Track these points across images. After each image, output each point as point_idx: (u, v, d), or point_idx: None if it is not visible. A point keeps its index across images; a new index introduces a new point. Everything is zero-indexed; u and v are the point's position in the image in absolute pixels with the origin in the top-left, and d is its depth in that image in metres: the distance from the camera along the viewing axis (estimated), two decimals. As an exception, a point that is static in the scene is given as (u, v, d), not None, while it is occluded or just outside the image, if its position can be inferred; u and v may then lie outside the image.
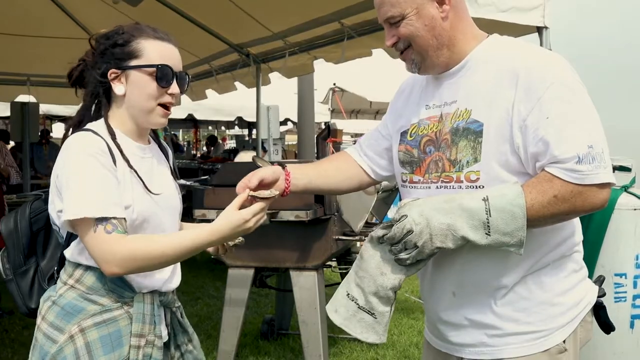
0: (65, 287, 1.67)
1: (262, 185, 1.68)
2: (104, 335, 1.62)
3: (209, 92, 7.36)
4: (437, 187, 1.64)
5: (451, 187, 1.60)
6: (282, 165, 1.86)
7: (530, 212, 1.45)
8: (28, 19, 6.26)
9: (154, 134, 1.91)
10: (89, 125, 1.68)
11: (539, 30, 3.69)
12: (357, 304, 1.60)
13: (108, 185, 1.58)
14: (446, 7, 1.59)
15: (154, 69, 1.66)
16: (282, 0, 4.94)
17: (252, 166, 3.54)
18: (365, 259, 1.60)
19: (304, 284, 3.55)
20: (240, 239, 1.77)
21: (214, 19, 5.64)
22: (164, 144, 1.93)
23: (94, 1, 5.71)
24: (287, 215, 3.33)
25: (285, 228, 3.50)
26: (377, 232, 1.57)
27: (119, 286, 1.65)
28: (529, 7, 3.60)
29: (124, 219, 1.58)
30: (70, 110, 9.95)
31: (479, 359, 1.64)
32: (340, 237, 3.56)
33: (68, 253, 1.67)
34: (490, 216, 1.45)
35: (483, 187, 1.54)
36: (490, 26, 3.70)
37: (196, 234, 1.60)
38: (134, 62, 1.66)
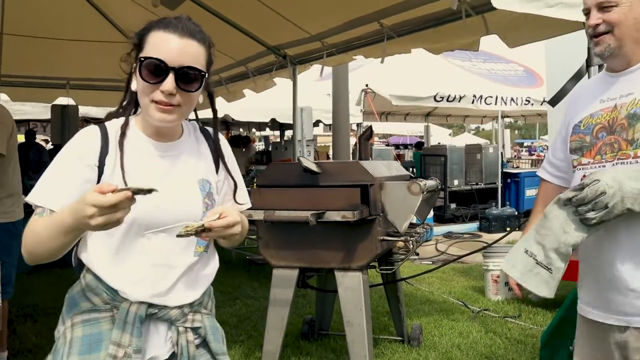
0: (77, 282, 1.68)
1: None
2: (86, 334, 1.59)
3: (246, 91, 7.34)
4: (612, 165, 1.84)
5: (628, 162, 1.81)
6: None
7: None
8: (67, 23, 6.36)
9: (205, 130, 1.80)
10: (114, 119, 1.68)
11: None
12: (536, 259, 1.80)
13: (64, 177, 1.56)
14: None
15: (139, 62, 1.54)
16: (320, 2, 4.94)
17: (297, 166, 3.58)
18: (549, 219, 1.79)
19: (349, 284, 3.55)
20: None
21: (251, 21, 5.66)
22: (221, 143, 1.80)
23: (132, 5, 5.77)
24: (333, 216, 3.34)
25: (330, 228, 3.51)
26: (567, 194, 1.75)
27: (111, 287, 1.61)
28: (577, 2, 3.54)
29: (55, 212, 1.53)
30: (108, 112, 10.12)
31: None
32: (385, 237, 3.56)
33: (77, 249, 1.68)
34: None
35: None
36: (538, 22, 3.69)
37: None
38: (140, 55, 1.58)
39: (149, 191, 1.35)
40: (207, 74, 1.62)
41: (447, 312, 5.49)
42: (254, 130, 20.96)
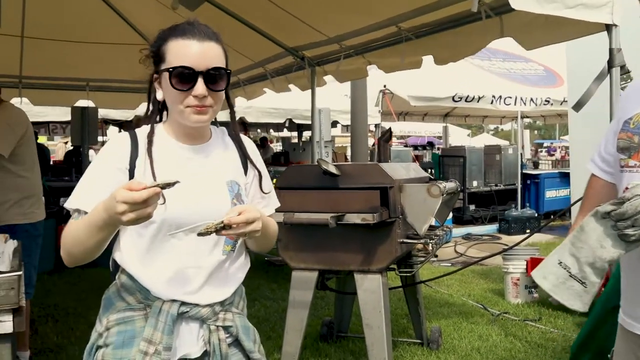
0: (113, 283, 1.74)
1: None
2: (120, 331, 1.65)
3: (265, 90, 7.36)
4: None
5: None
6: None
7: None
8: (87, 26, 6.42)
9: (232, 135, 1.84)
10: (143, 126, 1.74)
11: (608, 28, 3.59)
12: (569, 272, 1.73)
13: (98, 182, 1.61)
14: None
15: (168, 72, 1.60)
16: (336, 5, 4.93)
17: (316, 168, 3.58)
18: (586, 231, 1.71)
19: (369, 286, 3.54)
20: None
21: (269, 23, 5.67)
22: (246, 143, 1.85)
23: (151, 7, 5.81)
24: (353, 218, 3.33)
25: (350, 231, 3.51)
26: (605, 207, 1.68)
27: (144, 287, 1.66)
28: (598, 4, 3.50)
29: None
30: (127, 114, 10.20)
31: None
32: (404, 240, 3.54)
33: (112, 250, 1.73)
34: None
35: None
36: (557, 23, 3.65)
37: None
38: (162, 66, 1.64)
39: (174, 183, 1.41)
40: (230, 71, 1.68)
41: (466, 314, 5.46)
42: (271, 131, 21.04)
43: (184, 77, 1.59)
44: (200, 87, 1.59)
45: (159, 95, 1.68)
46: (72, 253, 1.59)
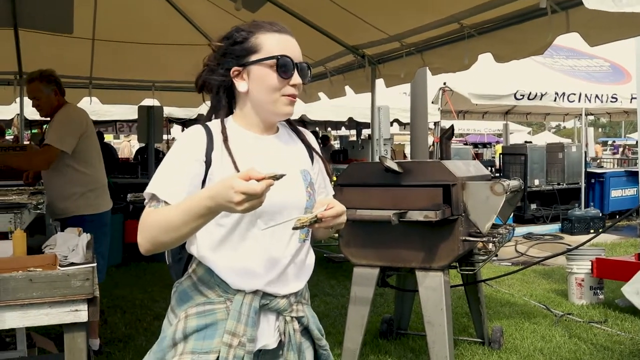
0: (186, 276, 1.75)
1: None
2: (200, 324, 1.66)
3: (321, 94, 7.45)
4: None
5: None
6: None
7: None
8: (153, 28, 6.63)
9: (294, 127, 1.90)
10: (214, 120, 1.76)
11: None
12: None
13: (177, 172, 1.64)
14: None
15: (274, 60, 1.67)
16: (398, 5, 4.93)
17: (378, 166, 3.61)
18: None
19: (430, 284, 3.55)
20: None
21: (330, 22, 5.72)
22: (307, 135, 1.91)
23: (214, 9, 5.96)
24: (415, 216, 3.34)
25: (412, 228, 3.52)
26: None
27: (224, 281, 1.68)
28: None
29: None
30: (190, 112, 10.46)
31: None
32: (467, 238, 3.53)
33: (186, 243, 1.74)
34: None
35: None
36: (627, 18, 3.55)
37: (195, 194, 1.55)
38: (254, 57, 1.69)
39: (282, 176, 1.46)
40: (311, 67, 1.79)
41: (528, 315, 5.37)
42: (329, 129, 21.10)
43: (288, 66, 1.68)
44: (297, 76, 1.70)
45: (243, 88, 1.71)
46: (158, 240, 1.58)
